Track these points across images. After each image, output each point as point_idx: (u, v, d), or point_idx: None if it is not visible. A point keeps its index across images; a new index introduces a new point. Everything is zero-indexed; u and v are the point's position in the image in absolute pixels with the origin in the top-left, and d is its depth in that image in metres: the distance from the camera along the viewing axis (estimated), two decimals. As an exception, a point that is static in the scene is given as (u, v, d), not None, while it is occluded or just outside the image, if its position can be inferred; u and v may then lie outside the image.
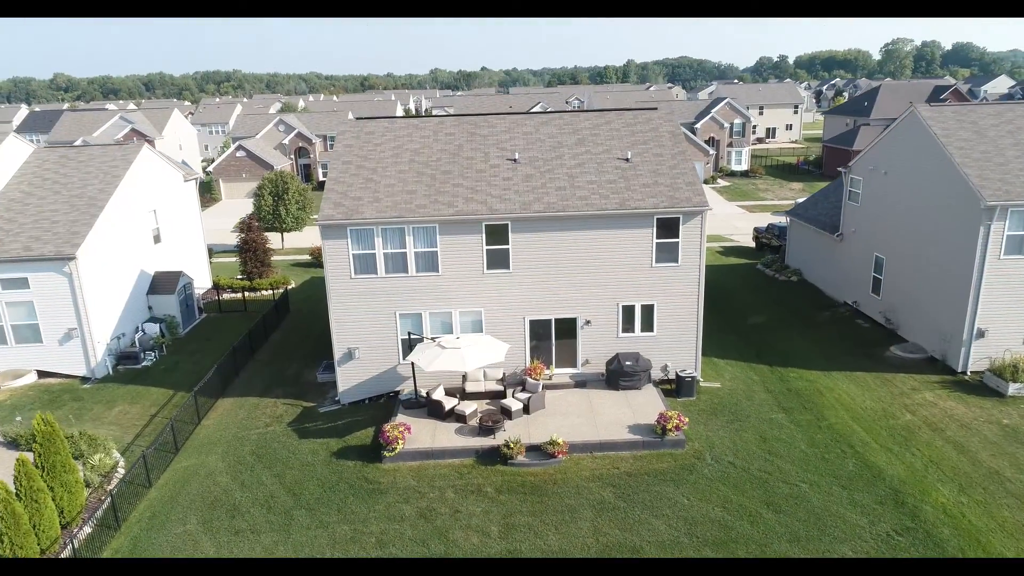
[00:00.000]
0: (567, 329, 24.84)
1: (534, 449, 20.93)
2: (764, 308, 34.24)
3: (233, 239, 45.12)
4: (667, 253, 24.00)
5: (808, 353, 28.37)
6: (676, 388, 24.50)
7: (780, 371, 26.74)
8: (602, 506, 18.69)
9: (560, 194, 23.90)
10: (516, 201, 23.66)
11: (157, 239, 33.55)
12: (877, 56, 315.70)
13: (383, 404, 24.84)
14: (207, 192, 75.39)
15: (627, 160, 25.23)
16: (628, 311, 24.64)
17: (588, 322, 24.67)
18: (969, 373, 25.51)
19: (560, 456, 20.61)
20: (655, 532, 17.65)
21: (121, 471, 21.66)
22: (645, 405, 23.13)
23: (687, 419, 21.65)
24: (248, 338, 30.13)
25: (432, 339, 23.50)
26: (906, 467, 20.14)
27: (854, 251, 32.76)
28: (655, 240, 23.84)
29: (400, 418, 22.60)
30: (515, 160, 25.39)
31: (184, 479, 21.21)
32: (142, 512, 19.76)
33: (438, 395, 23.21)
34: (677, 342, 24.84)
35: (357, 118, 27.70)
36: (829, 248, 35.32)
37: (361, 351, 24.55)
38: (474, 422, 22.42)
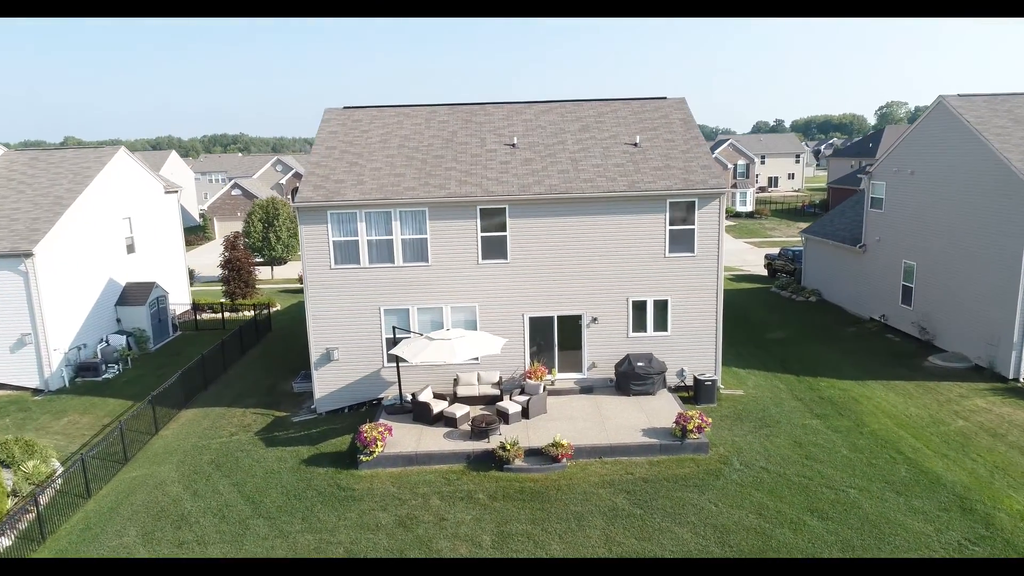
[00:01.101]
0: (571, 328, 22.26)
1: (535, 454, 18.10)
2: (784, 325, 31.64)
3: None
4: (682, 242, 21.64)
5: (837, 364, 25.66)
6: (695, 394, 21.74)
7: (808, 380, 23.99)
8: (615, 513, 15.77)
9: (563, 176, 21.74)
10: (514, 184, 21.47)
11: (131, 249, 31.28)
12: (872, 120, 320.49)
13: (364, 413, 22.03)
14: (201, 231, 73.82)
15: (635, 145, 23.17)
16: (639, 307, 22.12)
17: (594, 320, 22.12)
18: (1023, 380, 22.77)
19: (564, 460, 17.76)
20: (679, 541, 14.70)
21: (60, 481, 18.78)
22: (660, 410, 20.36)
23: (710, 419, 18.86)
24: (221, 348, 27.50)
25: (420, 334, 20.92)
26: (968, 473, 17.26)
27: (880, 261, 30.39)
28: (668, 227, 21.52)
29: (382, 421, 19.80)
30: (513, 145, 23.34)
31: (129, 490, 18.33)
32: (74, 524, 16.87)
33: (425, 397, 20.47)
34: (694, 343, 22.21)
35: (345, 107, 25.83)
36: (850, 262, 32.97)
37: (341, 352, 21.93)
38: (465, 426, 19.62)
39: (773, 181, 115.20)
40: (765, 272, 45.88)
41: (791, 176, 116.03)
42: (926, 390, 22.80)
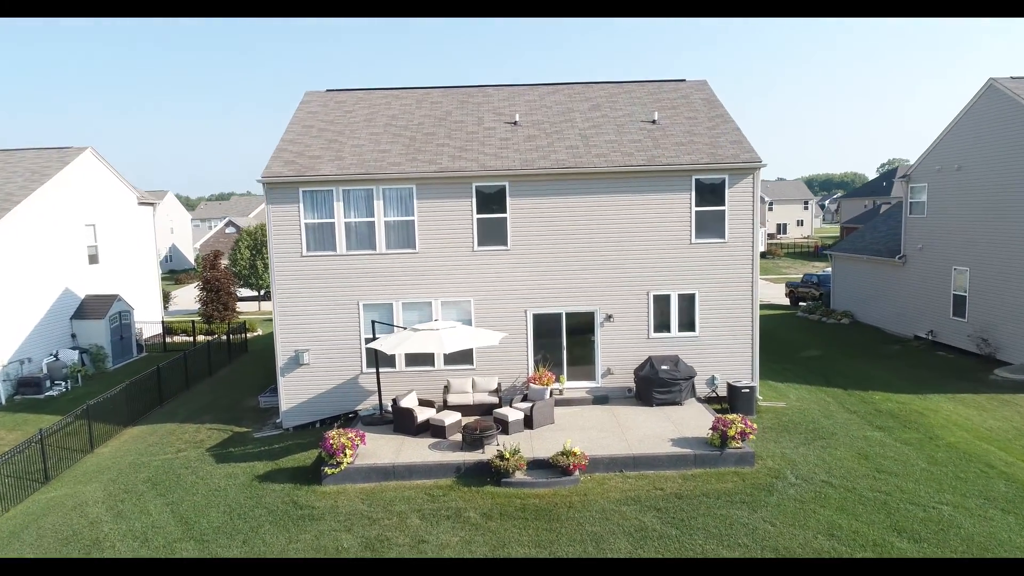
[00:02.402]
0: (582, 327, 19.06)
1: (540, 466, 14.67)
2: (818, 345, 28.29)
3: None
4: (710, 226, 18.63)
5: (887, 379, 22.27)
6: (729, 405, 18.34)
7: (859, 394, 20.58)
8: (643, 534, 12.28)
9: (572, 152, 18.92)
10: (516, 159, 18.64)
11: (94, 259, 28.38)
12: (874, 176, 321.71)
13: (338, 428, 18.62)
14: (194, 271, 71.28)
15: (654, 123, 20.44)
16: (662, 303, 18.95)
17: (609, 317, 18.93)
18: (1115, 390, 19.37)
19: (577, 472, 14.32)
20: (731, 567, 11.17)
21: (-41, 502, 15.37)
22: (690, 419, 16.97)
23: (755, 425, 15.44)
24: (184, 362, 24.23)
25: (404, 329, 17.74)
26: (1083, 489, 13.76)
27: (923, 272, 27.26)
28: (694, 208, 18.56)
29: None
30: (515, 123, 20.63)
31: (42, 512, 14.88)
32: (-38, 551, 13.40)
33: (408, 403, 17.12)
34: (726, 345, 18.95)
35: (328, 90, 23.30)
36: (888, 278, 29.83)
37: (312, 355, 18.73)
38: (456, 435, 16.22)
39: (782, 228, 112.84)
40: (787, 302, 42.77)
41: (800, 223, 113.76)
42: (1002, 403, 19.38)
